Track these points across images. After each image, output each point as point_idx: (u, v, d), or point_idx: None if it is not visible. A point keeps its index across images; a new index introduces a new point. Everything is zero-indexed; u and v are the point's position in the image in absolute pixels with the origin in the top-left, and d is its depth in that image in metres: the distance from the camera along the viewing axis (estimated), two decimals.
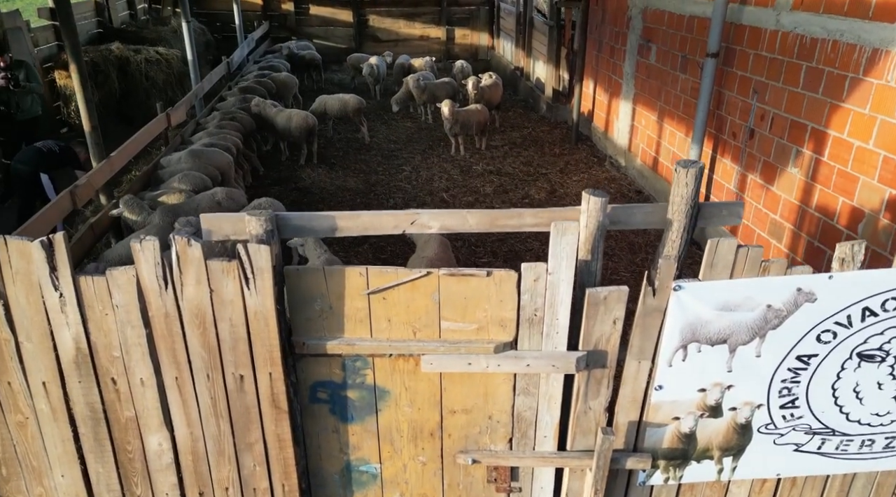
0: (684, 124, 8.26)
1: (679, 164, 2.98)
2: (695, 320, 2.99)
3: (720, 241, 2.90)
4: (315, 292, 3.01)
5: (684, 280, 2.93)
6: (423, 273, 2.94)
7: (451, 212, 3.08)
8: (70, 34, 6.86)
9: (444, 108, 10.49)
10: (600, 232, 2.98)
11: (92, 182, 6.72)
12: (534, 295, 2.96)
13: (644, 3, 9.28)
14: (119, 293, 2.82)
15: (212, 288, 2.84)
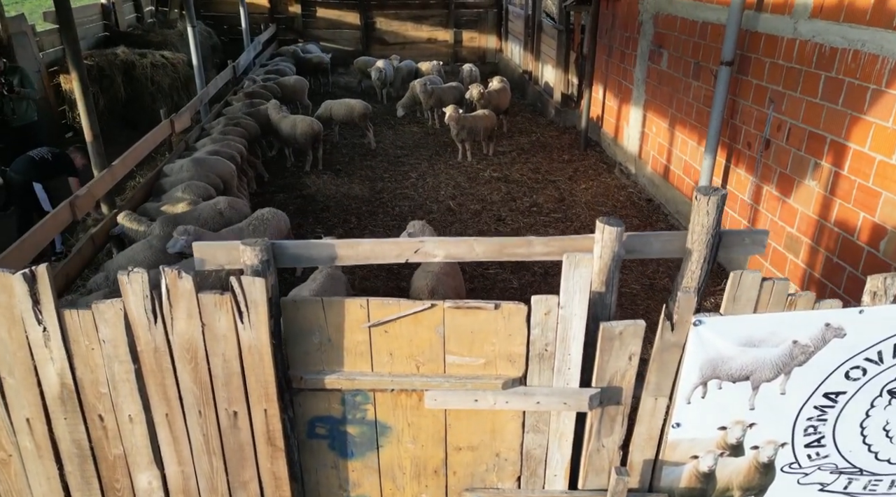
0: (697, 132, 8.05)
1: (700, 191, 2.79)
2: (716, 356, 2.81)
3: (743, 274, 2.72)
4: (313, 324, 2.84)
5: (705, 314, 2.74)
6: (427, 305, 2.77)
7: (458, 240, 2.90)
8: (71, 41, 6.73)
9: (447, 110, 10.31)
10: (615, 263, 2.80)
11: (93, 192, 6.58)
12: (544, 329, 2.79)
13: (655, 8, 9.06)
14: (106, 327, 2.66)
15: (204, 322, 2.68)
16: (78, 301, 5.29)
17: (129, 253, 6.26)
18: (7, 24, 10.62)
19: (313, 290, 5.30)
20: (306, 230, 8.38)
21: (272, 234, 6.82)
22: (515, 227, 8.53)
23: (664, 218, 8.73)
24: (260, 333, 2.69)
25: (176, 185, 7.73)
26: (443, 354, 2.86)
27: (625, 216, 8.81)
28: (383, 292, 6.92)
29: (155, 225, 6.72)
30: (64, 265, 5.93)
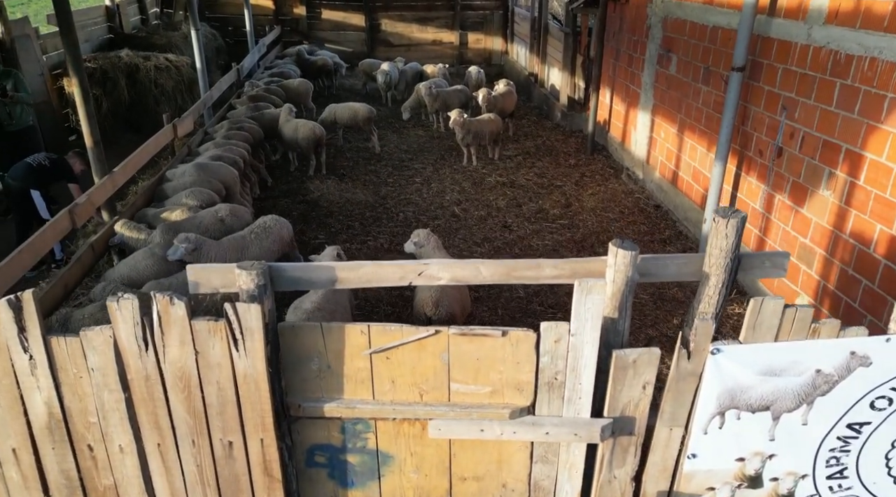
0: (706, 138, 7.88)
1: (718, 213, 2.65)
2: (734, 386, 2.66)
3: (765, 301, 2.57)
4: (312, 351, 2.71)
5: (723, 343, 2.60)
6: (431, 332, 2.63)
7: (463, 263, 2.76)
8: (71, 46, 6.61)
9: (453, 115, 10.16)
10: (629, 288, 2.66)
11: (93, 200, 6.46)
12: (554, 357, 2.65)
13: (664, 12, 8.90)
14: (94, 355, 2.54)
15: (197, 349, 2.55)
16: (73, 314, 5.17)
17: (131, 261, 6.14)
18: (10, 27, 10.52)
19: (314, 301, 5.16)
20: (309, 236, 8.25)
21: (274, 242, 6.70)
22: (521, 233, 8.38)
23: (672, 225, 8.57)
24: (256, 361, 2.56)
25: (178, 191, 7.61)
26: (447, 382, 2.72)
27: (632, 222, 8.66)
28: (387, 301, 6.79)
29: (156, 232, 6.60)
30: (62, 275, 5.81)
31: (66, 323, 5.11)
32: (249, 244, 6.56)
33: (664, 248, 7.98)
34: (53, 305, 5.59)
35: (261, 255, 6.60)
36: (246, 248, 6.53)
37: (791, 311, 2.58)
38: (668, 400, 2.73)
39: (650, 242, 8.10)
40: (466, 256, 7.76)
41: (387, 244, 8.06)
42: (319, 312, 5.04)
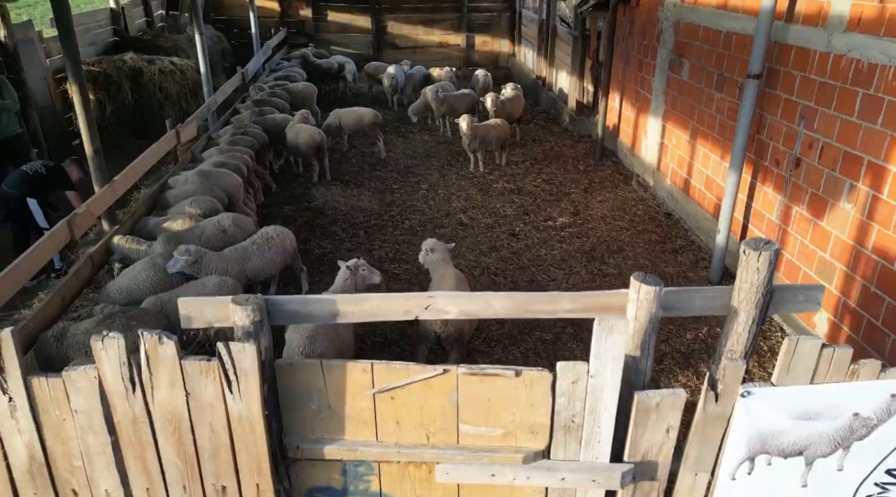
0: (720, 146, 7.66)
1: (749, 245, 2.45)
2: (765, 430, 2.46)
3: (800, 341, 2.36)
4: (311, 389, 2.52)
5: (754, 385, 2.40)
6: (439, 371, 2.44)
7: (473, 296, 2.57)
8: (71, 51, 6.44)
9: (462, 124, 9.95)
10: (652, 325, 2.46)
11: (92, 210, 6.29)
12: (571, 399, 2.45)
13: (676, 16, 8.67)
14: (78, 397, 2.35)
15: (188, 390, 2.36)
16: (70, 328, 5.00)
17: (131, 272, 5.97)
18: (13, 30, 10.37)
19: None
20: (313, 245, 8.07)
21: (277, 253, 6.52)
22: (529, 242, 8.18)
23: (684, 234, 8.35)
24: (251, 404, 2.38)
25: (180, 199, 7.44)
26: (456, 424, 2.53)
27: (643, 231, 8.45)
28: None
29: (156, 243, 6.43)
30: (60, 288, 5.64)
31: (62, 337, 4.94)
32: (251, 255, 6.38)
33: (675, 257, 7.76)
34: (51, 319, 5.42)
35: (263, 267, 6.42)
36: (248, 259, 6.36)
37: (829, 352, 2.38)
38: (693, 444, 2.53)
39: (661, 252, 7.88)
40: (473, 265, 7.56)
41: (392, 253, 7.87)
42: (321, 329, 4.86)
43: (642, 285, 2.40)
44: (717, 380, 2.41)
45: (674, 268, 7.52)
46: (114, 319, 4.94)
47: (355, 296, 2.55)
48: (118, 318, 4.95)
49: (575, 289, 7.09)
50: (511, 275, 7.40)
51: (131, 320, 4.93)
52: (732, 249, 7.22)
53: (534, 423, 2.52)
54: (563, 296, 2.56)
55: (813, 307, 2.67)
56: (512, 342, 6.16)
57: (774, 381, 2.45)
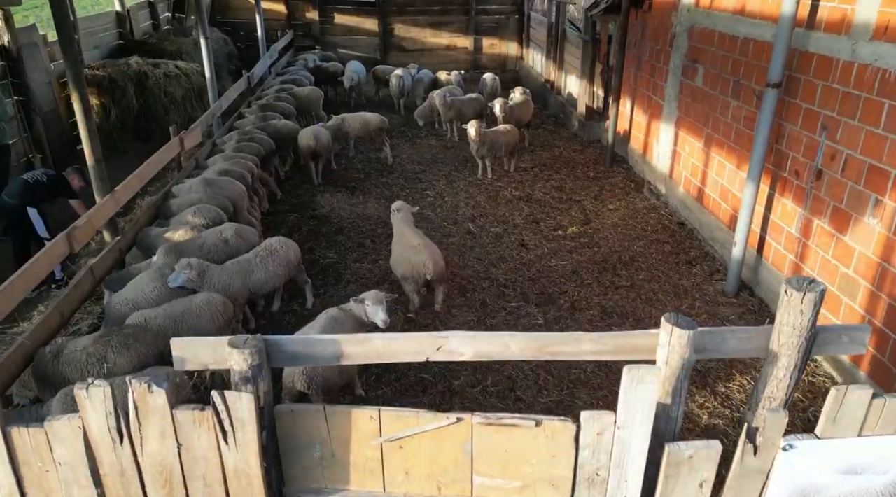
0: (736, 155, 7.43)
1: (791, 285, 2.23)
2: (808, 485, 2.25)
3: (849, 391, 2.15)
4: (314, 436, 2.33)
5: (797, 437, 2.18)
6: (452, 420, 2.24)
7: (489, 336, 2.37)
8: (72, 59, 6.26)
9: (471, 130, 9.74)
10: (685, 371, 2.25)
11: (93, 221, 6.11)
12: (596, 451, 2.25)
13: (690, 20, 8.44)
14: (62, 447, 2.16)
15: (180, 441, 2.17)
16: (67, 345, 4.82)
17: (137, 284, 5.79)
18: (17, 35, 10.21)
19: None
20: (318, 255, 7.88)
21: (280, 266, 6.33)
22: (539, 253, 7.96)
23: (698, 244, 8.11)
24: (248, 455, 2.18)
25: (184, 208, 7.27)
26: (470, 475, 2.33)
27: (655, 241, 8.22)
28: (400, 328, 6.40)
29: (158, 254, 6.25)
30: (59, 302, 5.46)
31: (58, 355, 4.77)
32: (255, 268, 6.19)
33: (689, 269, 7.53)
34: (49, 334, 5.25)
35: (266, 280, 6.23)
36: (251, 272, 6.17)
37: (879, 402, 2.16)
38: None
39: (675, 263, 7.65)
40: (482, 276, 7.35)
41: None
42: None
43: (675, 328, 2.19)
44: (757, 431, 2.20)
45: (688, 280, 7.29)
46: (111, 337, 4.77)
47: (360, 336, 2.35)
48: (115, 337, 4.77)
49: (587, 301, 6.87)
50: (521, 286, 7.18)
51: (129, 339, 4.75)
52: (749, 262, 6.99)
53: (554, 476, 2.32)
54: (587, 336, 2.35)
55: (858, 349, 2.45)
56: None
57: (819, 432, 2.23)
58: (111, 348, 4.70)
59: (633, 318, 6.57)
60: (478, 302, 6.87)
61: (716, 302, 6.87)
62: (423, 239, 6.52)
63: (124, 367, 4.66)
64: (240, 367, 2.18)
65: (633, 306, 6.79)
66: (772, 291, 6.69)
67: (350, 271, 7.49)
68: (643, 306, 6.79)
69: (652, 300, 6.91)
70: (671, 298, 6.95)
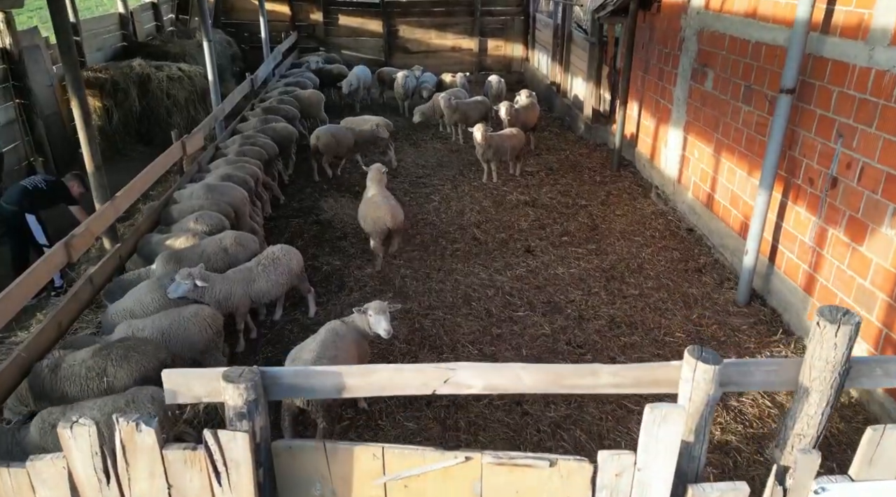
0: (747, 161, 7.26)
1: (824, 316, 2.08)
2: None
3: (886, 432, 1.99)
4: (313, 474, 2.18)
5: (830, 479, 2.03)
6: (461, 459, 2.09)
7: (500, 368, 2.22)
8: (71, 65, 6.13)
9: (477, 134, 9.59)
10: (709, 408, 2.10)
11: (91, 229, 5.98)
12: (614, 492, 2.10)
13: (700, 24, 8.27)
14: (45, 489, 2.02)
15: (170, 483, 2.03)
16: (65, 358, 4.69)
17: (136, 294, 5.65)
18: (18, 37, 10.10)
19: (313, 350, 4.58)
20: (321, 262, 7.74)
21: (283, 274, 6.20)
22: (545, 259, 7.80)
23: (707, 251, 7.95)
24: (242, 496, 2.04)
25: (185, 214, 7.14)
26: None
27: (664, 248, 8.06)
28: (403, 338, 6.25)
29: (157, 262, 6.11)
30: (57, 312, 5.33)
31: (56, 370, 4.64)
32: (256, 277, 6.06)
33: (699, 276, 7.37)
34: (47, 346, 5.12)
35: (268, 289, 6.10)
36: (252, 280, 6.04)
37: None
38: None
39: (684, 271, 7.49)
40: (487, 284, 7.20)
41: (404, 270, 7.52)
42: (322, 361, 4.51)
43: (699, 363, 2.04)
44: (786, 472, 2.04)
45: (697, 288, 7.13)
46: (111, 350, 4.63)
47: (363, 367, 2.21)
48: (115, 350, 4.63)
49: (594, 310, 6.72)
50: (527, 295, 7.03)
51: (129, 351, 4.62)
52: (761, 271, 6.82)
53: None
54: (605, 369, 2.20)
55: (891, 382, 2.29)
56: None
57: (854, 474, 2.08)
58: (111, 361, 4.56)
59: (642, 328, 6.42)
60: (483, 311, 6.73)
61: (726, 311, 6.71)
62: (385, 195, 7.40)
63: (125, 380, 4.52)
64: (235, 403, 2.04)
65: (642, 316, 6.63)
66: (784, 301, 6.52)
67: (353, 279, 7.35)
68: (652, 315, 6.63)
69: (661, 309, 6.75)
70: (680, 307, 6.79)
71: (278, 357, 6.02)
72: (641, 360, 5.94)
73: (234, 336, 6.15)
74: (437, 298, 6.97)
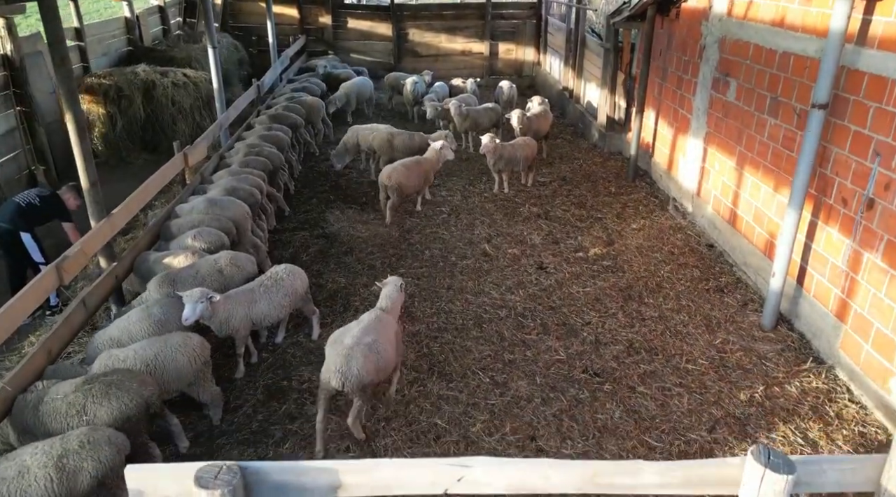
0: (773, 177, 6.85)
1: None
2: None
3: None
4: None
5: None
6: None
7: (524, 464, 1.87)
8: (65, 79, 5.80)
9: (486, 142, 9.23)
10: None
11: (85, 250, 5.65)
12: None
13: (722, 31, 7.86)
14: None
15: None
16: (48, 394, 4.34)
17: (124, 323, 5.33)
18: (20, 44, 9.82)
19: (356, 336, 4.59)
20: (326, 279, 7.40)
21: (286, 296, 5.87)
22: (559, 277, 7.44)
23: (729, 269, 7.55)
24: None
25: (185, 229, 6.82)
26: None
27: (683, 265, 7.66)
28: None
29: (150, 286, 5.79)
30: (46, 339, 5.01)
31: (38, 406, 4.33)
32: (258, 298, 5.74)
33: (720, 297, 6.98)
34: (33, 377, 4.80)
35: (270, 311, 5.77)
36: (254, 302, 5.72)
37: None
38: None
39: (705, 291, 7.10)
40: (498, 304, 6.85)
41: (412, 288, 7.17)
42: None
43: (767, 471, 1.68)
44: None
45: (720, 311, 6.74)
46: (93, 385, 4.31)
47: (364, 462, 1.86)
48: (97, 385, 4.30)
49: (612, 334, 6.34)
50: (540, 316, 6.67)
51: (111, 388, 4.29)
52: (788, 293, 6.42)
53: None
54: (648, 467, 1.84)
55: None
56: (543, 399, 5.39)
57: None
58: (91, 398, 4.24)
59: (663, 354, 6.04)
60: (494, 333, 6.38)
61: (752, 336, 6.32)
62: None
63: (104, 419, 4.20)
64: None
65: (662, 341, 6.26)
66: (814, 326, 6.13)
67: (359, 297, 7.02)
68: (672, 340, 6.26)
69: (682, 333, 6.38)
70: (702, 331, 6.41)
71: (280, 383, 5.69)
72: (662, 390, 5.57)
73: (233, 360, 5.83)
74: (447, 320, 6.62)
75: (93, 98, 10.87)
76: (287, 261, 7.85)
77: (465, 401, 5.44)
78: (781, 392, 5.55)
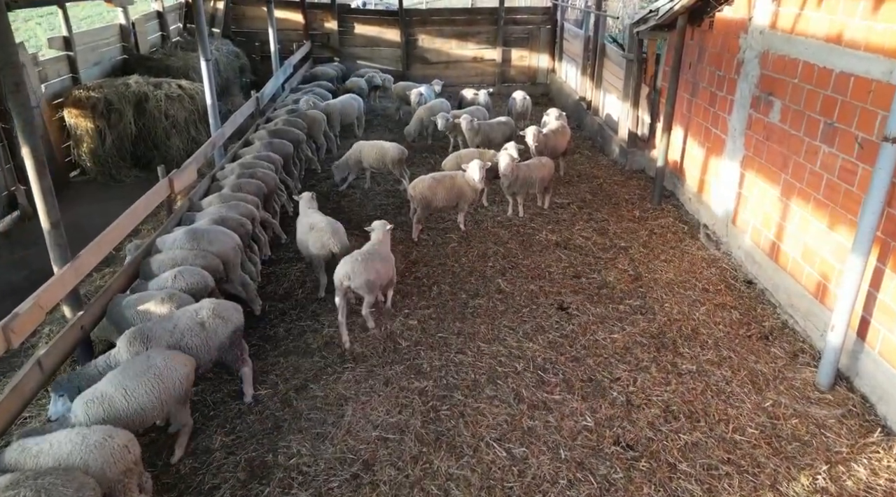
0: (827, 212, 5.99)
1: None
2: None
3: None
4: None
5: None
6: None
7: None
8: (20, 109, 5.00)
9: (505, 164, 8.40)
10: None
11: (42, 303, 4.86)
12: None
13: (764, 45, 6.98)
14: None
15: None
16: None
17: (90, 394, 4.47)
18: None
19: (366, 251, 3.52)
20: (322, 322, 6.60)
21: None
22: (583, 320, 6.59)
23: (773, 311, 6.68)
24: None
25: (166, 267, 6.06)
26: None
27: (720, 305, 6.80)
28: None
29: (120, 344, 5.01)
30: None
31: None
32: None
33: (766, 347, 6.12)
34: None
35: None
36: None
37: None
38: None
39: (747, 338, 6.25)
40: (516, 355, 6.03)
41: (418, 335, 6.37)
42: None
43: None
44: None
45: (766, 364, 5.88)
46: (19, 488, 3.52)
47: None
48: (24, 488, 3.51)
49: (645, 393, 5.49)
50: (563, 370, 5.84)
51: (41, 491, 3.50)
52: (847, 348, 5.57)
53: None
54: None
55: None
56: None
57: None
58: None
59: (705, 420, 5.20)
60: (511, 392, 5.56)
61: (806, 398, 5.46)
62: (324, 218, 7.07)
63: None
64: None
65: (703, 401, 5.42)
66: (879, 388, 5.26)
67: (357, 344, 6.22)
68: (715, 402, 5.41)
69: (725, 393, 5.53)
70: (748, 391, 5.56)
71: (264, 457, 4.89)
72: (708, 468, 4.74)
73: (211, 421, 5.05)
74: (457, 374, 5.81)
75: (80, 112, 10.14)
76: (280, 298, 7.12)
77: (478, 484, 4.62)
78: (848, 473, 4.69)
